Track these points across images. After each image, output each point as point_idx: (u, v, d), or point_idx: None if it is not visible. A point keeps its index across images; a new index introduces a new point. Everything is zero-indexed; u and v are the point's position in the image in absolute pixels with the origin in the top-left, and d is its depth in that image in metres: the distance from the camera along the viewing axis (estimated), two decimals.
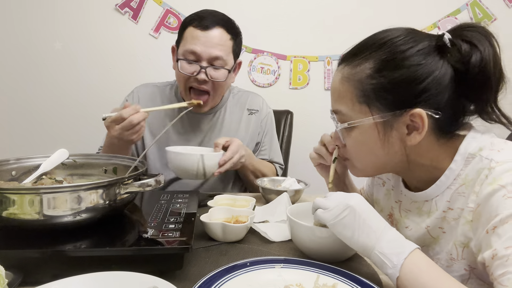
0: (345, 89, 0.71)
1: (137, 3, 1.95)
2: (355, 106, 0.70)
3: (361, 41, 0.73)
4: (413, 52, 0.66)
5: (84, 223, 0.68)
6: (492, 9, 1.99)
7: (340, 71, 0.74)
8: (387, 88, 0.67)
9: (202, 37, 1.20)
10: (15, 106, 2.01)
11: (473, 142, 0.68)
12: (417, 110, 0.65)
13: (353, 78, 0.70)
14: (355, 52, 0.72)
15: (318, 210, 0.69)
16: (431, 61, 0.66)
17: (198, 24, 1.21)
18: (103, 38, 1.98)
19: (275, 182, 1.23)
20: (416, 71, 0.65)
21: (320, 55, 2.03)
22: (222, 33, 1.22)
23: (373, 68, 0.68)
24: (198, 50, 1.20)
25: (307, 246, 0.75)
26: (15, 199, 0.63)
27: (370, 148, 0.71)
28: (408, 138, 0.68)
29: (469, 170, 0.66)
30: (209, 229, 0.83)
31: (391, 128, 0.69)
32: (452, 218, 0.69)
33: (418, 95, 0.65)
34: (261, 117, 1.46)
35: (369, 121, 0.69)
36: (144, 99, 1.39)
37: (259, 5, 1.99)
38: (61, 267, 0.63)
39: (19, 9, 1.94)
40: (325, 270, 0.67)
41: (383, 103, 0.68)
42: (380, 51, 0.68)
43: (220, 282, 0.61)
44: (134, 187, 0.71)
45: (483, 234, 0.60)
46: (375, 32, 0.72)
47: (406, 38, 0.68)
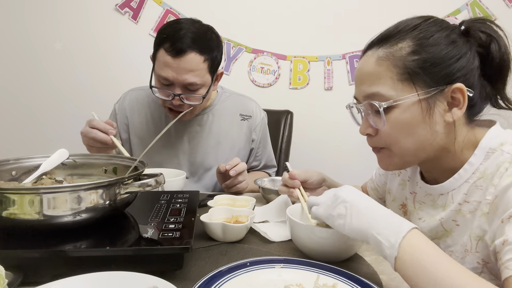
0: (383, 68, 0.70)
1: (137, 3, 1.95)
2: (397, 85, 0.69)
3: (389, 27, 0.75)
4: (446, 32, 0.70)
5: (84, 223, 0.68)
6: (492, 9, 1.99)
7: (373, 54, 0.73)
8: (432, 62, 0.68)
9: (174, 64, 1.15)
10: (15, 106, 2.01)
11: (495, 137, 0.70)
12: (458, 85, 0.67)
13: (392, 57, 0.70)
14: (387, 36, 0.73)
15: (313, 207, 0.70)
16: (462, 42, 0.70)
17: (169, 48, 1.14)
18: (103, 38, 1.98)
19: (275, 182, 1.23)
20: (454, 49, 0.69)
21: (320, 55, 2.03)
22: (195, 57, 1.15)
23: (413, 45, 0.69)
24: (170, 78, 1.16)
25: (307, 246, 0.75)
26: (15, 199, 0.63)
27: (413, 128, 0.70)
28: (449, 115, 0.69)
29: (489, 164, 0.68)
30: (209, 229, 0.83)
31: (434, 104, 0.69)
32: (468, 211, 0.70)
33: (457, 71, 0.68)
34: (254, 123, 1.43)
35: (414, 97, 0.68)
36: (131, 106, 1.40)
37: (259, 5, 1.99)
38: (61, 267, 0.63)
39: (19, 10, 1.94)
40: (325, 270, 0.67)
41: (427, 78, 0.68)
42: (416, 31, 0.71)
43: (220, 282, 0.61)
44: (134, 187, 0.71)
45: (498, 223, 0.60)
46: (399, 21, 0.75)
47: (436, 21, 0.72)
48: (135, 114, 1.39)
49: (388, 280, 0.68)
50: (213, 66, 1.21)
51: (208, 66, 1.19)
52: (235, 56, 2.02)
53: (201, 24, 1.23)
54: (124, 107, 1.41)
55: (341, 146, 2.03)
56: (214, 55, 1.21)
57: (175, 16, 1.96)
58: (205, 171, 1.39)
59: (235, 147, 1.40)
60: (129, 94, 1.43)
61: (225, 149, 1.38)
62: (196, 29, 1.18)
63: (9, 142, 2.03)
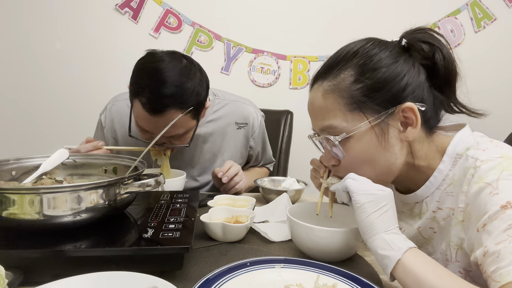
0: (331, 101, 0.71)
1: (137, 3, 1.95)
2: (347, 116, 0.69)
3: (329, 58, 0.75)
4: (386, 53, 0.70)
5: (84, 223, 0.68)
6: (492, 9, 1.98)
7: (318, 88, 0.73)
8: (375, 88, 0.68)
9: (152, 120, 1.04)
10: (15, 106, 2.01)
11: (461, 142, 0.70)
12: (408, 104, 0.67)
13: (337, 89, 0.70)
14: (328, 68, 0.73)
15: (348, 179, 0.69)
16: (404, 59, 0.70)
17: (146, 105, 1.02)
18: (103, 38, 1.98)
19: (275, 182, 1.23)
20: (396, 68, 0.68)
21: (320, 55, 2.03)
22: (175, 114, 1.03)
23: (354, 73, 0.69)
24: (151, 130, 1.08)
25: (307, 246, 0.75)
26: (15, 199, 0.63)
27: (371, 154, 0.70)
28: (404, 135, 0.69)
29: (456, 169, 0.68)
30: (209, 229, 0.83)
31: (387, 127, 0.69)
32: (442, 218, 0.70)
33: (403, 90, 0.68)
34: (251, 130, 1.37)
35: (366, 125, 0.68)
36: (118, 118, 1.32)
37: (259, 5, 1.99)
38: (61, 267, 0.63)
39: (19, 10, 1.94)
40: (325, 270, 0.67)
41: (374, 104, 0.68)
42: (355, 59, 0.70)
43: (220, 282, 0.61)
44: (134, 187, 0.71)
45: (474, 233, 0.60)
46: (337, 49, 0.75)
47: (374, 43, 0.71)
48: (123, 129, 1.29)
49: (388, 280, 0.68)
50: (197, 113, 1.11)
51: (191, 115, 1.09)
52: (235, 56, 2.02)
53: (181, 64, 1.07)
54: (112, 119, 1.33)
55: None
56: (198, 101, 1.09)
57: (175, 16, 1.96)
58: (203, 185, 1.36)
59: (233, 157, 1.36)
60: (115, 105, 1.33)
61: (222, 161, 1.33)
62: (177, 76, 1.04)
63: (9, 142, 2.03)
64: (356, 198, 0.66)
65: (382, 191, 0.65)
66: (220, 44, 2.01)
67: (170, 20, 1.96)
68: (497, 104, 2.01)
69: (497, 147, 0.65)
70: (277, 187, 1.18)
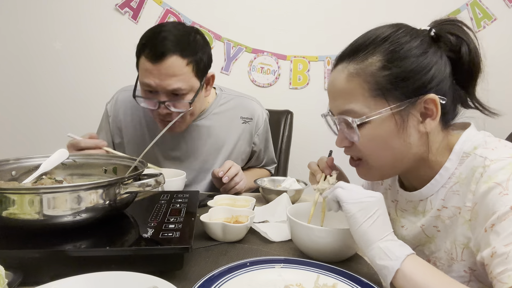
0: (355, 85, 0.70)
1: (137, 3, 1.95)
2: (369, 101, 0.69)
3: (357, 39, 0.73)
4: (416, 42, 0.69)
5: (84, 223, 0.68)
6: (492, 9, 1.98)
7: (343, 69, 0.72)
8: (402, 77, 0.67)
9: (155, 70, 1.08)
10: (15, 106, 2.01)
11: (468, 141, 0.70)
12: (431, 96, 0.67)
13: (362, 73, 0.69)
14: (355, 49, 0.72)
15: (338, 189, 0.69)
16: (433, 51, 0.69)
17: (149, 54, 1.08)
18: (103, 38, 1.98)
19: (275, 182, 1.23)
20: (424, 59, 0.68)
21: (320, 55, 2.03)
22: (176, 61, 1.08)
23: (383, 59, 0.68)
24: (153, 84, 1.10)
25: (307, 246, 0.75)
26: (15, 199, 0.63)
27: (388, 141, 0.70)
28: (423, 126, 0.69)
29: (463, 168, 0.68)
30: (209, 229, 0.83)
31: (407, 116, 0.68)
32: (447, 217, 0.70)
33: (428, 82, 0.67)
34: (256, 126, 1.38)
35: (387, 112, 0.68)
36: (124, 108, 1.34)
37: (259, 5, 1.99)
38: (61, 267, 0.62)
39: (19, 9, 1.94)
40: (325, 270, 0.67)
41: (399, 92, 0.68)
42: (385, 44, 0.69)
43: (220, 282, 0.61)
44: (134, 187, 0.71)
45: (481, 233, 0.60)
46: (366, 31, 0.73)
47: (405, 30, 0.70)
48: (128, 117, 1.34)
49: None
50: (199, 69, 1.14)
51: (193, 69, 1.12)
52: (235, 56, 2.02)
53: (184, 26, 1.17)
54: (117, 109, 1.35)
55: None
56: (199, 57, 1.13)
57: (175, 16, 1.96)
58: (205, 177, 1.36)
59: (235, 151, 1.37)
60: (121, 95, 1.36)
61: (225, 155, 1.35)
62: (178, 31, 1.12)
63: (9, 142, 2.03)
64: (346, 208, 0.66)
65: (372, 197, 0.65)
66: (220, 44, 2.01)
67: (170, 20, 1.96)
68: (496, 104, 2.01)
69: (506, 147, 0.65)
70: (277, 187, 1.18)
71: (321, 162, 0.93)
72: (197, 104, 1.21)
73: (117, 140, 1.37)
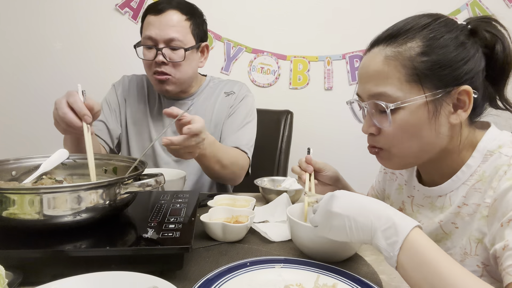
0: (391, 68, 0.69)
1: (137, 3, 1.95)
2: (404, 86, 0.68)
3: (395, 24, 0.73)
4: (457, 33, 0.69)
5: (84, 223, 0.68)
6: (492, 9, 1.98)
7: (380, 52, 0.71)
8: (441, 64, 0.67)
9: (156, 21, 1.22)
10: (15, 106, 2.01)
11: (493, 139, 0.70)
12: (465, 87, 0.67)
13: (400, 56, 0.68)
14: (395, 34, 0.71)
15: (314, 227, 0.68)
16: (471, 43, 0.69)
17: (152, 10, 1.24)
18: (103, 38, 1.98)
19: (275, 182, 1.23)
20: (463, 51, 0.68)
21: (320, 55, 2.03)
22: (175, 15, 1.23)
23: (423, 46, 0.68)
24: (153, 35, 1.22)
25: (307, 246, 0.75)
26: (15, 199, 0.63)
27: (418, 130, 0.69)
28: (454, 117, 0.69)
29: (487, 166, 0.68)
30: (209, 229, 0.83)
31: (440, 106, 0.68)
32: (467, 214, 0.70)
33: (465, 73, 0.67)
34: (236, 99, 1.40)
35: (421, 99, 0.67)
36: (131, 86, 1.43)
37: (259, 5, 1.99)
38: (61, 267, 0.63)
39: (19, 9, 1.94)
40: (325, 270, 0.67)
41: (436, 80, 0.67)
42: (425, 31, 0.69)
43: (220, 282, 0.61)
44: (134, 187, 0.71)
45: (497, 227, 0.60)
46: (404, 19, 0.73)
47: (446, 20, 0.71)
48: (134, 92, 1.43)
49: (388, 280, 0.68)
50: (195, 29, 1.28)
51: (190, 26, 1.26)
52: (235, 56, 2.02)
53: None
54: (125, 84, 1.44)
55: (341, 146, 2.03)
56: (197, 20, 1.29)
57: None
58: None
59: (218, 125, 1.38)
60: (130, 77, 1.47)
61: (209, 130, 1.34)
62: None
63: (9, 142, 2.03)
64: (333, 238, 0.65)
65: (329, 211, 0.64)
66: (220, 44, 2.01)
67: None
68: None
69: None
70: (277, 187, 1.18)
71: (301, 163, 0.95)
72: (190, 65, 1.29)
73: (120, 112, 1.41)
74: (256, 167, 1.45)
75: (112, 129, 1.36)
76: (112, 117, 1.39)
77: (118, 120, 1.41)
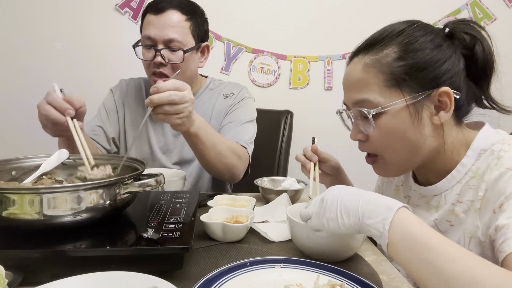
0: (370, 75, 0.71)
1: (137, 3, 1.95)
2: (384, 91, 0.70)
3: (372, 34, 0.75)
4: (431, 36, 0.71)
5: (84, 223, 0.68)
6: (492, 9, 1.99)
7: (359, 61, 0.73)
8: (417, 67, 0.69)
9: (156, 21, 1.20)
10: (15, 106, 2.01)
11: (486, 138, 0.71)
12: (445, 88, 0.68)
13: (378, 63, 0.70)
14: (372, 42, 0.73)
15: (308, 221, 0.69)
16: (447, 45, 0.71)
17: (152, 9, 1.22)
18: (103, 38, 1.98)
19: (275, 182, 1.23)
20: (439, 52, 0.69)
21: (320, 55, 2.03)
22: (175, 15, 1.21)
23: (398, 51, 0.70)
24: (152, 35, 1.20)
25: (307, 246, 0.75)
26: (15, 199, 0.63)
27: (402, 132, 0.71)
28: (436, 118, 0.70)
29: (480, 163, 0.69)
30: (209, 229, 0.83)
31: (421, 108, 0.70)
32: (462, 211, 0.70)
33: (442, 74, 0.69)
34: (236, 99, 1.39)
35: (402, 103, 0.69)
36: (129, 90, 1.42)
37: (259, 5, 1.99)
38: (61, 267, 0.62)
39: (19, 9, 1.94)
40: (325, 270, 0.67)
41: (414, 83, 0.69)
42: (401, 37, 0.71)
43: (220, 282, 0.61)
44: (134, 187, 0.71)
45: (490, 215, 0.61)
46: (383, 27, 0.75)
47: (420, 25, 0.72)
48: (132, 96, 1.42)
49: (388, 280, 0.68)
50: (196, 30, 1.25)
51: (190, 27, 1.24)
52: (235, 56, 2.02)
53: None
54: (123, 87, 1.43)
55: (341, 146, 2.03)
56: (198, 21, 1.26)
57: None
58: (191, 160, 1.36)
59: (217, 127, 1.36)
60: (127, 81, 1.46)
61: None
62: None
63: (9, 142, 2.03)
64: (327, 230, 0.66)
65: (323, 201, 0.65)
66: (220, 44, 2.01)
67: None
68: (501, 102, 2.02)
69: None
70: (277, 187, 1.18)
71: (306, 151, 0.95)
72: (189, 66, 1.27)
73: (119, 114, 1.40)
74: (256, 167, 1.45)
75: (109, 133, 1.36)
76: (110, 121, 1.38)
77: (116, 124, 1.40)
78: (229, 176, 1.23)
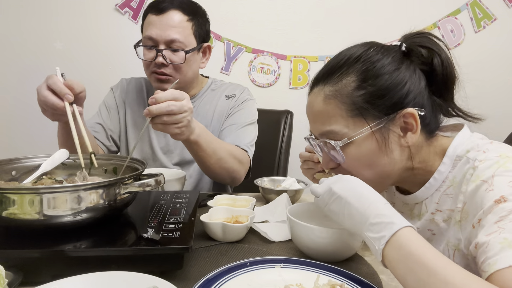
0: (332, 107, 0.71)
1: (137, 3, 1.95)
2: (348, 121, 0.70)
3: (329, 62, 0.75)
4: (388, 59, 0.69)
5: (84, 223, 0.68)
6: (492, 9, 1.99)
7: (319, 92, 0.73)
8: (378, 94, 0.68)
9: (157, 21, 1.20)
10: (16, 106, 2.01)
11: (461, 144, 0.70)
12: (408, 110, 0.67)
13: (338, 94, 0.70)
14: (329, 72, 0.72)
15: (315, 198, 0.70)
16: (406, 66, 0.70)
17: (154, 9, 1.21)
18: (103, 38, 1.98)
19: (275, 182, 1.23)
20: (398, 75, 0.68)
21: (320, 55, 2.03)
22: (177, 15, 1.20)
23: (357, 80, 0.69)
24: (153, 35, 1.20)
25: (307, 246, 0.75)
26: (15, 199, 0.63)
27: (372, 159, 0.70)
28: (404, 140, 0.69)
29: (456, 171, 0.68)
30: (209, 229, 0.83)
31: (388, 133, 0.69)
32: (442, 220, 0.70)
33: (405, 97, 0.68)
34: (237, 101, 1.37)
35: (367, 131, 0.68)
36: (129, 89, 1.42)
37: (259, 5, 1.99)
38: (61, 267, 0.63)
39: (19, 9, 1.94)
40: (325, 270, 0.67)
41: (376, 110, 0.68)
42: (358, 64, 0.70)
43: (220, 282, 0.61)
44: (134, 187, 0.71)
45: (470, 230, 0.60)
46: (338, 53, 0.74)
47: (376, 49, 0.71)
48: (133, 95, 1.41)
49: (388, 280, 0.68)
50: (197, 30, 1.25)
51: (192, 27, 1.23)
52: (235, 56, 2.02)
53: None
54: (124, 86, 1.43)
55: None
56: (199, 21, 1.26)
57: None
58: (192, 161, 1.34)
59: (218, 129, 1.35)
60: (128, 80, 1.46)
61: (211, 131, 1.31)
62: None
63: (9, 142, 2.03)
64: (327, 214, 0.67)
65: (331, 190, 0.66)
66: (220, 44, 2.01)
67: None
68: (496, 103, 2.01)
69: (497, 147, 0.65)
70: (277, 187, 1.18)
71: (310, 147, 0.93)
72: (190, 67, 1.26)
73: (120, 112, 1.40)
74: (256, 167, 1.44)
75: (110, 130, 1.36)
76: (111, 119, 1.38)
77: (117, 122, 1.40)
78: (230, 180, 1.24)
